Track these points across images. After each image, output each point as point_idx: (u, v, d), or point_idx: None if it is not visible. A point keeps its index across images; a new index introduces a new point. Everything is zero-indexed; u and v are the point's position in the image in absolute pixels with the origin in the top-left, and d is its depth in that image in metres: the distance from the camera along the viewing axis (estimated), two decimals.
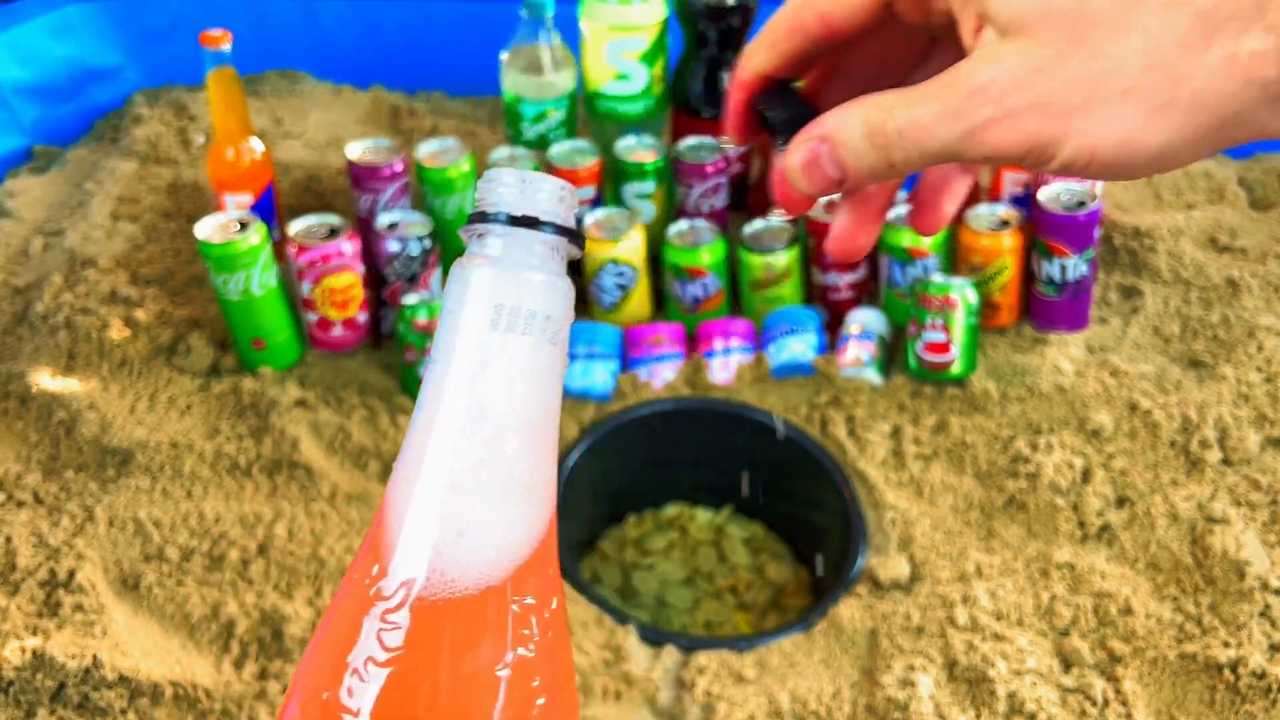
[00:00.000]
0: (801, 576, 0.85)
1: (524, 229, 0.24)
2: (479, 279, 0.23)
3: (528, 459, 0.23)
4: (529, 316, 0.23)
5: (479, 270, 0.23)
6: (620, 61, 0.97)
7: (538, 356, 0.23)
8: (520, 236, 0.24)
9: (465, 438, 0.23)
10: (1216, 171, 1.10)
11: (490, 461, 0.23)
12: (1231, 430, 0.82)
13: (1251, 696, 0.66)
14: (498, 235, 0.24)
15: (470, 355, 0.23)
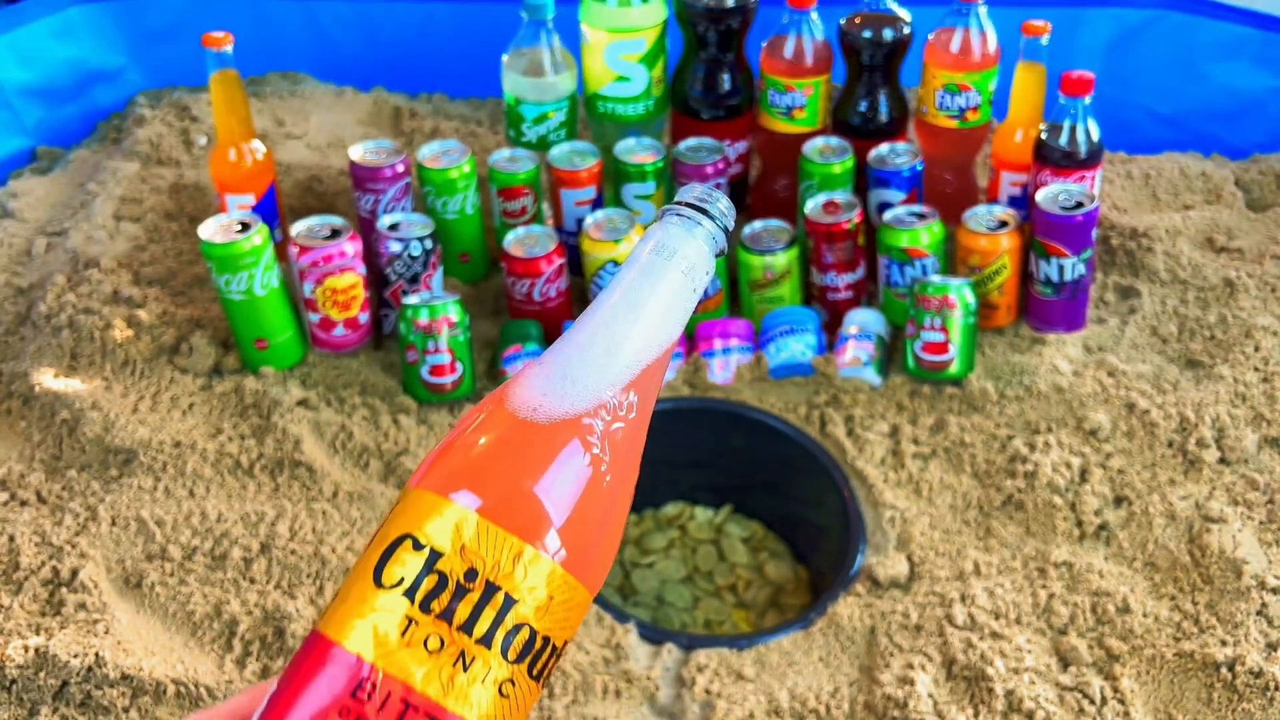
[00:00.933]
0: (800, 575, 0.85)
1: (705, 217, 0.37)
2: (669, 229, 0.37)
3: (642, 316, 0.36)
4: (681, 259, 0.37)
5: (671, 226, 0.37)
6: (620, 64, 0.97)
7: (671, 279, 0.37)
8: (700, 220, 0.37)
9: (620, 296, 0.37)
10: (1214, 172, 1.11)
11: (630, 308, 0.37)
12: (1229, 430, 0.82)
13: (1248, 695, 0.66)
14: (688, 216, 0.37)
15: (642, 259, 0.37)
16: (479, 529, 0.33)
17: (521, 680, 0.34)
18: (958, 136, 0.99)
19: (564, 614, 0.34)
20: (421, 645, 0.32)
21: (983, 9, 0.94)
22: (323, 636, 0.33)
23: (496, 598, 0.33)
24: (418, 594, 0.33)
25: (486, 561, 0.33)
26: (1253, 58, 1.17)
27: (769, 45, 0.98)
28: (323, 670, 0.32)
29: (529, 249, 0.90)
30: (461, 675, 0.32)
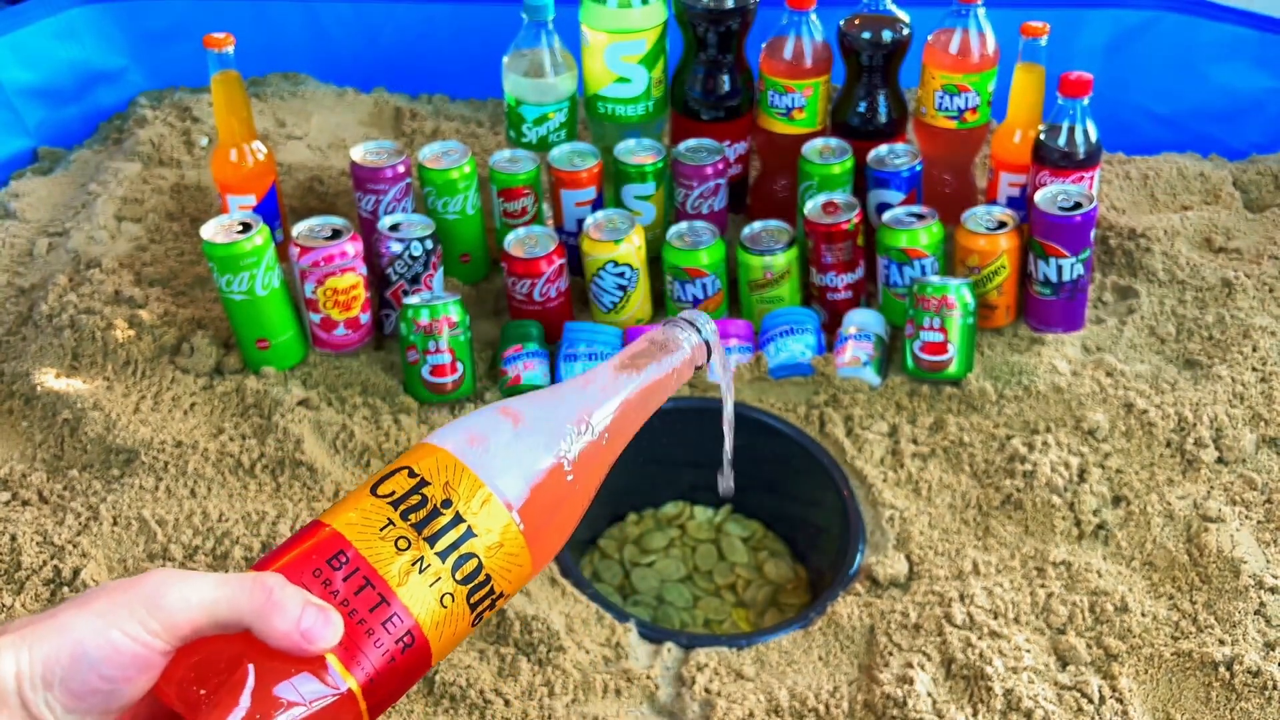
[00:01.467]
0: (800, 574, 0.85)
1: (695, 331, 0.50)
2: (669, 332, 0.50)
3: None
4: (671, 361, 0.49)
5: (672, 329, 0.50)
6: (620, 65, 0.97)
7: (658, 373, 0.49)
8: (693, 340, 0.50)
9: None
10: (1212, 173, 1.11)
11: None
12: (1227, 429, 0.82)
13: (1247, 694, 0.66)
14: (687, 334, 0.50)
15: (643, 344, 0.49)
16: (462, 474, 0.42)
17: (460, 602, 0.41)
18: (957, 137, 0.99)
19: (507, 565, 0.42)
20: (393, 543, 0.40)
21: (981, 10, 0.94)
22: (319, 520, 0.41)
23: (460, 526, 0.41)
24: (401, 505, 0.41)
25: (460, 498, 0.42)
26: (1251, 59, 1.17)
27: (768, 46, 0.98)
28: (311, 539, 0.40)
29: (529, 249, 0.90)
30: (416, 574, 0.40)
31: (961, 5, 0.94)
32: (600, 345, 0.89)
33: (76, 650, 0.36)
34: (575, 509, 0.46)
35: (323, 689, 0.38)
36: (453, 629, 0.41)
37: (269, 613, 0.38)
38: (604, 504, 0.87)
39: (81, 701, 0.36)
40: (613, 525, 0.88)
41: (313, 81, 1.28)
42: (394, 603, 0.39)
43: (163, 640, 0.37)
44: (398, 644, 0.39)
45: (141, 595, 0.37)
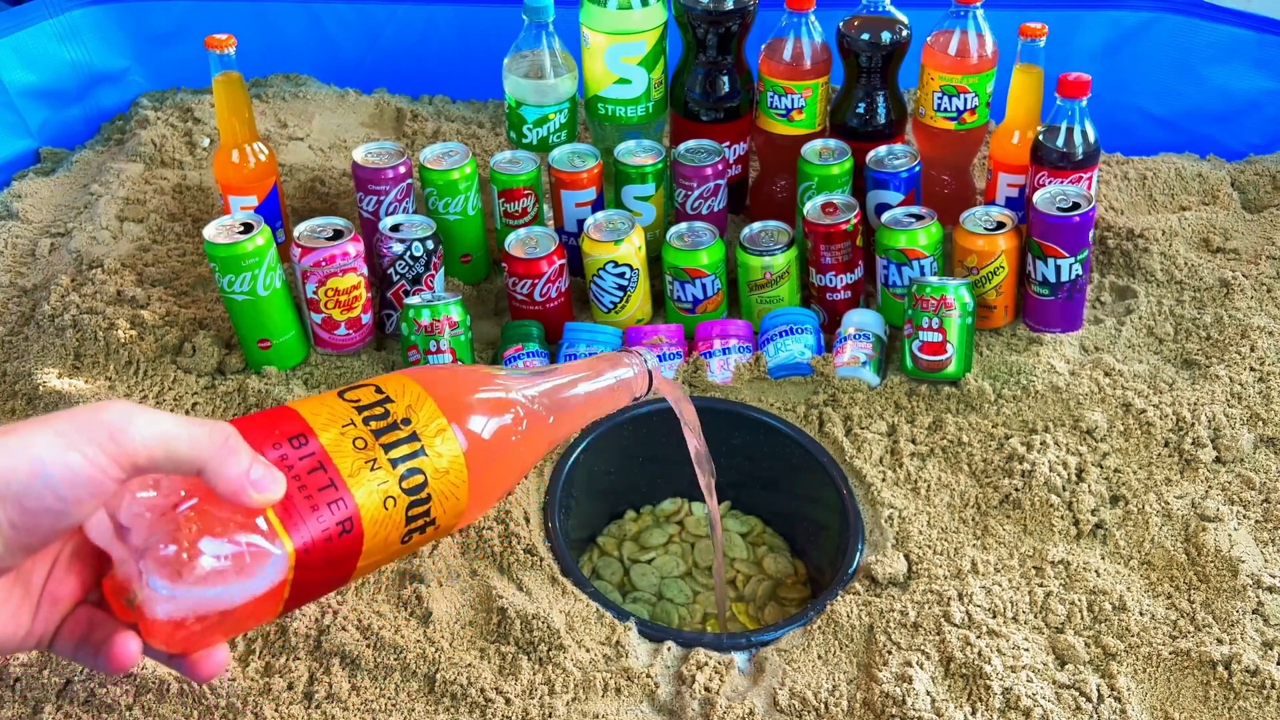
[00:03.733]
0: (799, 569, 0.85)
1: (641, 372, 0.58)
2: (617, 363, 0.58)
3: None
4: (617, 380, 0.58)
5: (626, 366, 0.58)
6: (620, 66, 0.98)
7: (603, 386, 0.57)
8: (639, 367, 0.59)
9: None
10: (1210, 174, 1.11)
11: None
12: (1224, 429, 0.83)
13: (1245, 693, 0.67)
14: (632, 366, 0.58)
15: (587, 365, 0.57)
16: (425, 402, 0.46)
17: (399, 510, 0.44)
18: (955, 138, 1.00)
19: (448, 494, 0.46)
20: (351, 441, 0.44)
21: (980, 11, 0.95)
22: (288, 406, 0.45)
23: (415, 444, 0.45)
24: (365, 412, 0.45)
25: (419, 420, 0.46)
26: (1249, 60, 1.18)
27: (768, 48, 0.98)
28: (278, 418, 0.44)
29: (530, 250, 0.90)
30: (367, 471, 0.44)
31: (960, 6, 0.94)
32: (600, 345, 0.89)
33: (35, 467, 0.36)
34: (513, 469, 0.51)
35: (258, 541, 0.40)
36: (385, 535, 0.43)
37: (224, 456, 0.39)
38: (603, 502, 0.87)
39: (31, 519, 0.37)
40: (611, 523, 0.88)
41: (314, 82, 1.29)
42: (341, 488, 0.42)
43: (119, 468, 0.38)
44: (338, 525, 0.42)
45: (104, 422, 0.37)
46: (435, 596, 0.72)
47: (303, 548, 0.41)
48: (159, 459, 0.38)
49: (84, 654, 0.41)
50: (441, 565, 0.74)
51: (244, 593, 0.40)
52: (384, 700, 0.67)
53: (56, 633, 0.41)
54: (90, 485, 0.37)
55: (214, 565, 0.39)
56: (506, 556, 0.75)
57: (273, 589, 0.41)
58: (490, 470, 0.48)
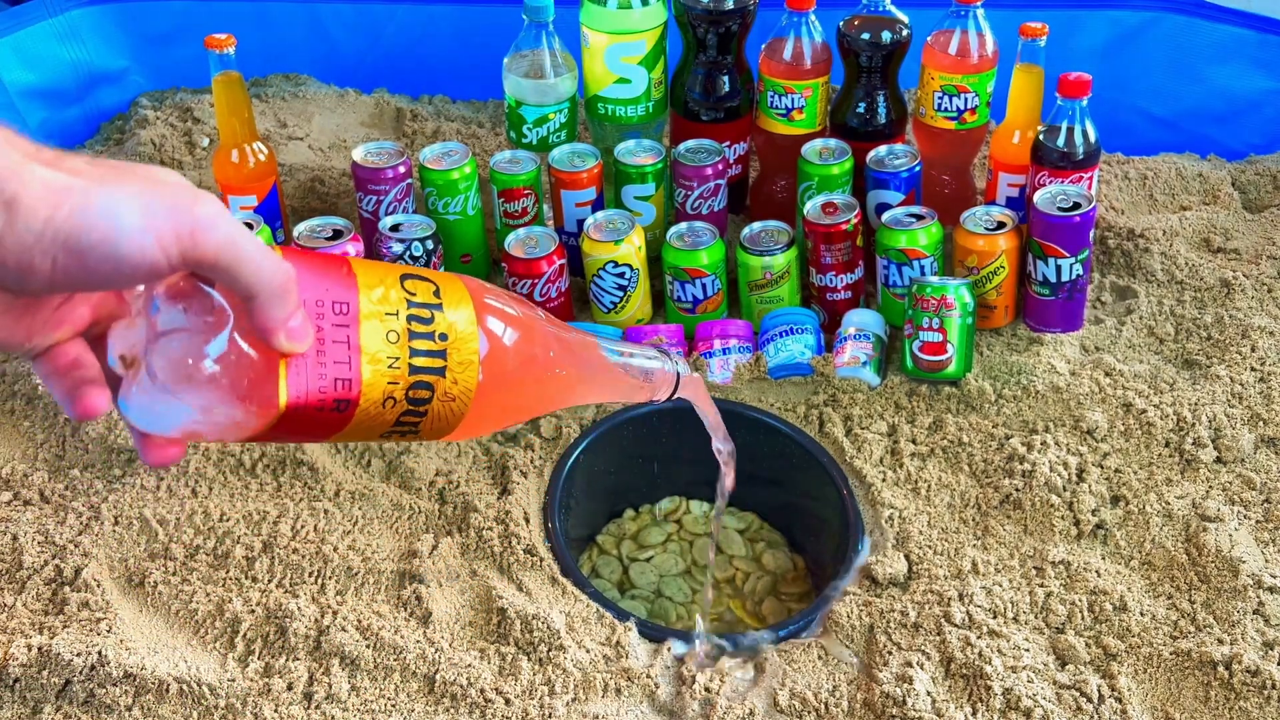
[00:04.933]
0: (798, 564, 0.85)
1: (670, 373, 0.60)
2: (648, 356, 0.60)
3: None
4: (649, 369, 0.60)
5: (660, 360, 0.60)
6: (620, 66, 0.98)
7: (634, 370, 0.59)
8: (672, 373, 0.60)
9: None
10: (1210, 174, 1.11)
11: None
12: (1225, 429, 0.83)
13: (1246, 693, 0.67)
14: (661, 362, 0.60)
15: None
16: (469, 329, 0.47)
17: (393, 412, 0.45)
18: (956, 138, 1.00)
19: (443, 417, 0.47)
20: (385, 333, 0.44)
21: (980, 11, 0.95)
22: (349, 264, 0.45)
23: (439, 361, 0.46)
24: (413, 309, 0.45)
25: (454, 343, 0.46)
26: (1249, 59, 1.18)
27: (768, 47, 0.98)
28: (334, 275, 0.44)
29: (530, 250, 0.90)
30: (384, 366, 0.44)
31: (960, 6, 0.94)
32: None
33: (110, 234, 0.36)
34: (512, 419, 0.52)
35: (261, 381, 0.41)
36: (370, 424, 0.45)
37: (278, 296, 0.39)
38: (602, 501, 0.87)
39: (82, 274, 0.36)
40: (611, 522, 0.88)
41: (314, 82, 1.29)
42: (354, 371, 0.43)
43: (183, 262, 0.38)
44: (335, 401, 0.43)
45: (194, 215, 0.37)
46: (435, 597, 0.72)
47: (294, 404, 0.42)
48: (220, 271, 0.38)
49: (56, 384, 0.41)
50: (441, 566, 0.74)
51: (224, 417, 0.41)
52: (384, 701, 0.67)
53: (45, 352, 0.41)
54: (152, 271, 0.37)
55: (211, 384, 0.40)
56: (506, 557, 0.75)
57: (251, 425, 0.42)
58: (491, 412, 0.49)
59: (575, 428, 0.84)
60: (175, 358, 0.40)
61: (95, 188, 0.36)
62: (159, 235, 0.37)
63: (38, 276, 0.36)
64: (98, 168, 0.37)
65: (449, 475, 0.81)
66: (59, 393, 0.41)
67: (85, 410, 0.41)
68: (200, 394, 0.40)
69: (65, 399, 0.41)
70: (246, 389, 0.41)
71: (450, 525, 0.77)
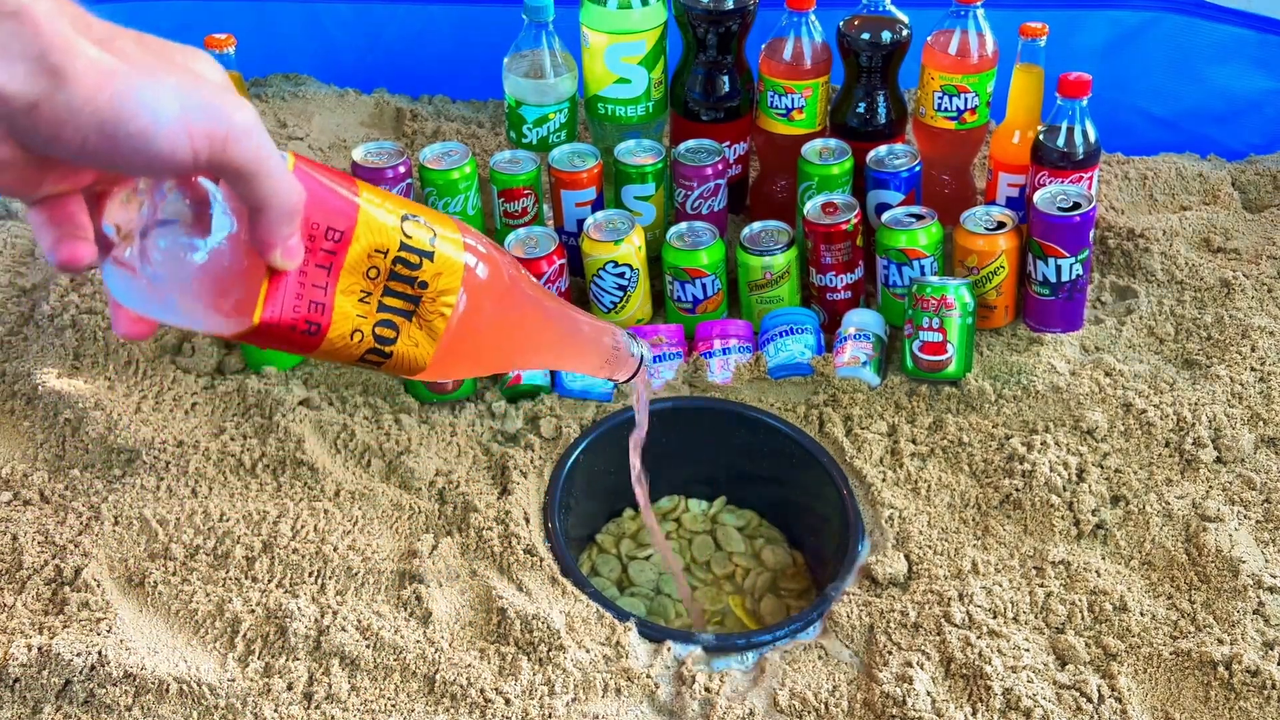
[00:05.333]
0: (798, 559, 0.86)
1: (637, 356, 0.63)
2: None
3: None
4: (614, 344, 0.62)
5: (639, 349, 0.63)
6: (620, 66, 0.98)
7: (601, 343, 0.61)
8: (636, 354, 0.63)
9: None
10: (1210, 174, 1.11)
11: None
12: (1225, 429, 0.83)
13: (1246, 693, 0.67)
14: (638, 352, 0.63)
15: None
16: (453, 282, 0.47)
17: (359, 346, 0.46)
18: (956, 138, 1.00)
19: (408, 358, 0.48)
20: (367, 270, 0.45)
21: (980, 11, 0.95)
22: (360, 192, 0.45)
23: (412, 307, 0.47)
24: (403, 252, 0.46)
25: (432, 293, 0.47)
26: (1249, 59, 1.18)
27: (768, 47, 0.98)
28: (336, 203, 0.44)
29: (530, 250, 0.90)
30: (355, 299, 0.45)
31: (960, 6, 0.94)
32: None
33: (147, 127, 0.36)
34: (485, 359, 0.53)
35: (243, 292, 0.42)
36: (337, 352, 0.46)
37: (286, 215, 0.40)
38: (601, 501, 0.87)
39: (108, 155, 0.37)
40: (610, 521, 0.88)
41: (314, 82, 1.29)
42: (329, 299, 0.44)
43: (209, 165, 0.38)
44: (305, 324, 0.44)
45: (231, 121, 0.38)
46: (435, 597, 0.72)
47: (267, 320, 0.43)
48: (240, 180, 0.39)
49: (46, 233, 0.42)
50: (441, 566, 0.74)
51: (200, 315, 0.42)
52: (384, 701, 0.67)
53: (42, 201, 0.41)
54: (178, 167, 0.38)
55: (195, 282, 0.41)
56: (506, 557, 0.75)
57: (224, 329, 0.43)
58: (456, 362, 0.50)
59: (575, 428, 0.84)
60: (169, 246, 0.41)
61: (140, 78, 0.37)
62: (193, 135, 0.37)
63: (64, 148, 0.36)
64: (145, 54, 0.38)
65: (449, 475, 0.81)
66: (47, 241, 0.42)
67: (68, 258, 0.41)
68: (183, 288, 0.41)
69: (52, 248, 0.41)
70: (228, 294, 0.42)
71: (450, 525, 0.77)
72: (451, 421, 0.85)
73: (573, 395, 0.87)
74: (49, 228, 0.41)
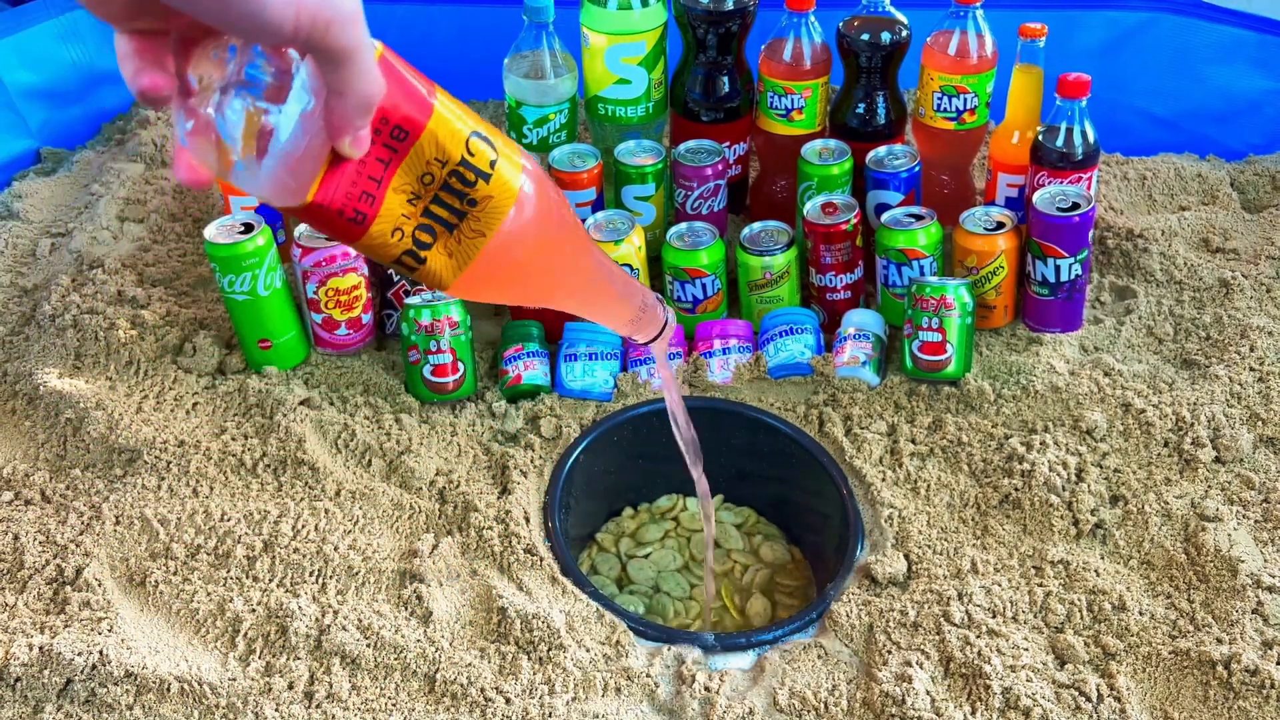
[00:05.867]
0: (796, 555, 0.86)
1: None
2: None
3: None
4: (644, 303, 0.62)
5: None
6: (621, 66, 0.98)
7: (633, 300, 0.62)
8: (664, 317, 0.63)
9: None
10: (1209, 174, 1.11)
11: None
12: (1224, 429, 0.83)
13: (1244, 693, 0.67)
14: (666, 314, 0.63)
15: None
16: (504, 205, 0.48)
17: (397, 246, 0.47)
18: (955, 138, 1.00)
19: (437, 271, 0.49)
20: (422, 174, 0.47)
21: (979, 12, 0.95)
22: (437, 96, 0.48)
23: (456, 220, 0.48)
24: (460, 167, 0.47)
25: (480, 210, 0.48)
26: (1248, 60, 1.18)
27: (768, 48, 0.98)
28: (410, 102, 0.46)
29: None
30: (404, 200, 0.46)
31: (960, 7, 0.94)
32: (600, 345, 0.89)
33: None
34: (512, 291, 0.54)
35: (304, 166, 0.43)
36: (374, 248, 0.47)
37: (367, 106, 0.42)
38: (600, 500, 0.88)
39: (218, 13, 0.38)
40: (609, 520, 0.89)
41: None
42: (380, 194, 0.46)
43: (304, 45, 0.39)
44: (353, 213, 0.46)
45: (336, 9, 0.39)
46: (435, 596, 0.72)
47: (319, 202, 0.45)
48: (331, 63, 0.40)
49: (129, 64, 0.43)
50: (442, 565, 0.74)
51: (260, 181, 0.43)
52: (384, 700, 0.67)
53: (133, 32, 0.43)
54: (277, 38, 0.39)
55: (263, 150, 0.42)
56: (507, 556, 0.75)
57: (278, 199, 0.44)
58: (484, 287, 0.51)
59: (575, 428, 0.85)
60: (247, 109, 0.42)
61: None
62: (300, 12, 0.38)
63: None
64: None
65: (449, 475, 0.81)
66: (129, 70, 0.43)
67: (149, 86, 0.42)
68: (248, 151, 0.42)
69: (133, 76, 0.42)
70: (289, 168, 0.43)
71: (451, 525, 0.78)
72: (452, 421, 0.85)
73: (573, 395, 0.87)
74: (134, 58, 0.42)
